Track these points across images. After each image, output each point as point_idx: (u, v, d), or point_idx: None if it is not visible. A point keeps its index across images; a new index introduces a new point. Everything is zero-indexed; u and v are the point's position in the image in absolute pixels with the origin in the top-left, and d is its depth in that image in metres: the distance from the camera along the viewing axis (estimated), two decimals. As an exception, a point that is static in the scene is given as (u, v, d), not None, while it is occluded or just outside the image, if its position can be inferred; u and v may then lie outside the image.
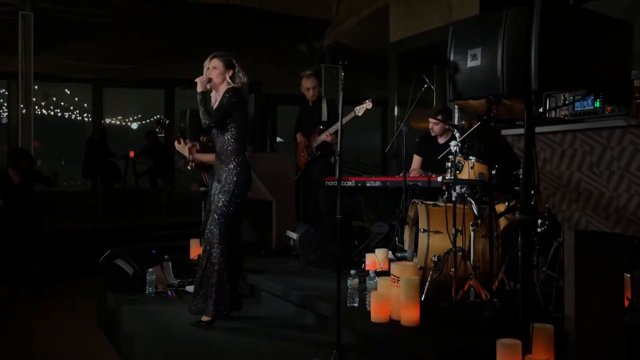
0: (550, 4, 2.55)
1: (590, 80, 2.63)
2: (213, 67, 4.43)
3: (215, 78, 4.43)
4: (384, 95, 8.97)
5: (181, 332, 4.34)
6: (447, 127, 5.56)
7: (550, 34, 2.54)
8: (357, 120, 6.07)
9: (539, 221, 4.10)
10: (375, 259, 4.88)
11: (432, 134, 5.73)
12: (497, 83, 2.71)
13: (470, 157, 4.41)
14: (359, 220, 6.91)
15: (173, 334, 4.33)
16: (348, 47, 9.30)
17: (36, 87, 13.25)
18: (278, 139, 13.20)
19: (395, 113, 8.59)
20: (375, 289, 4.05)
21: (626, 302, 3.77)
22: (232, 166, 4.42)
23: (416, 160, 5.93)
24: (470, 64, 2.87)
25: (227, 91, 4.41)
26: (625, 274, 3.73)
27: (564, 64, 2.56)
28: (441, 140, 5.74)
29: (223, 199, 4.39)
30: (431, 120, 5.62)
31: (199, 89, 4.41)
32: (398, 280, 3.78)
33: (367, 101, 5.81)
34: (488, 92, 2.79)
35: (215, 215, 4.40)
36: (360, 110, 5.84)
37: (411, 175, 5.44)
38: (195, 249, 6.41)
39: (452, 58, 3.00)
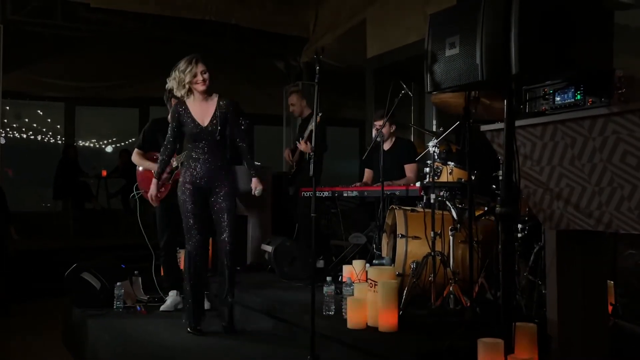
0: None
1: (571, 65, 2.57)
2: (207, 70, 4.27)
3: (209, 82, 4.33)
4: (362, 115, 8.95)
5: (147, 346, 4.17)
6: (392, 131, 5.69)
7: (529, 17, 2.48)
8: (335, 146, 6.13)
9: (520, 226, 4.03)
10: (353, 271, 4.75)
11: (378, 139, 5.66)
12: (476, 70, 2.64)
13: (449, 162, 4.34)
14: (337, 239, 6.81)
15: (140, 348, 4.16)
16: (326, 64, 9.27)
17: (8, 107, 13.02)
18: (257, 163, 13.11)
19: (373, 134, 8.54)
20: (352, 295, 3.92)
21: (609, 308, 3.70)
22: (232, 177, 4.53)
23: (367, 173, 5.94)
24: (449, 52, 2.80)
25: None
26: (608, 280, 3.68)
27: (544, 47, 2.50)
28: (386, 146, 5.72)
29: (233, 211, 4.40)
30: (376, 123, 5.57)
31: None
32: (375, 284, 3.66)
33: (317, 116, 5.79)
34: (467, 80, 2.71)
35: (227, 224, 4.33)
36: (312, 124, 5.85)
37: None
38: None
39: (429, 48, 2.93)
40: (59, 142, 14.02)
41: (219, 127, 4.28)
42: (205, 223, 4.38)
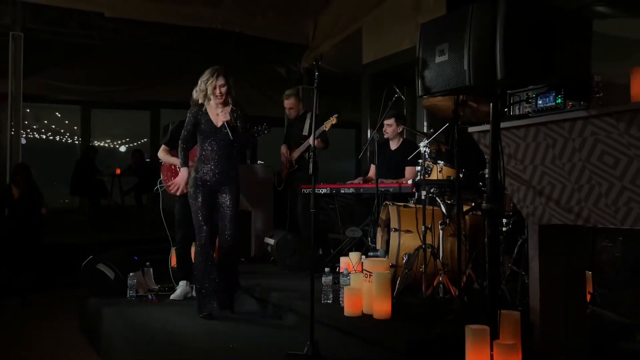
0: (514, -1, 2.51)
1: (552, 71, 2.58)
2: (225, 84, 4.45)
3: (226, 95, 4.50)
4: (358, 118, 8.94)
5: (158, 332, 4.18)
6: (399, 131, 5.60)
7: (514, 27, 2.49)
8: (332, 146, 6.08)
9: (504, 221, 4.04)
10: (349, 262, 4.76)
11: (385, 136, 5.66)
12: (464, 76, 2.64)
13: (439, 161, 4.35)
14: (335, 233, 6.81)
15: (151, 334, 4.17)
16: (324, 70, 9.25)
17: (28, 110, 12.99)
18: (259, 162, 13.13)
19: (368, 135, 8.54)
20: (349, 285, 3.93)
21: (588, 297, 3.71)
22: (238, 177, 4.59)
23: (373, 168, 5.90)
24: (439, 59, 2.81)
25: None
26: (587, 271, 3.69)
27: (527, 55, 2.51)
28: (393, 146, 5.71)
29: (237, 209, 4.53)
30: (385, 122, 5.56)
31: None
32: (370, 275, 3.67)
33: (332, 116, 5.74)
34: (455, 85, 2.71)
35: (230, 221, 4.46)
36: (327, 124, 5.77)
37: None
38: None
39: (421, 55, 2.93)
40: (76, 142, 14.02)
41: (230, 130, 4.38)
42: (214, 218, 4.50)
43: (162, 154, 5.34)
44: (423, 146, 4.23)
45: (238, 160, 4.67)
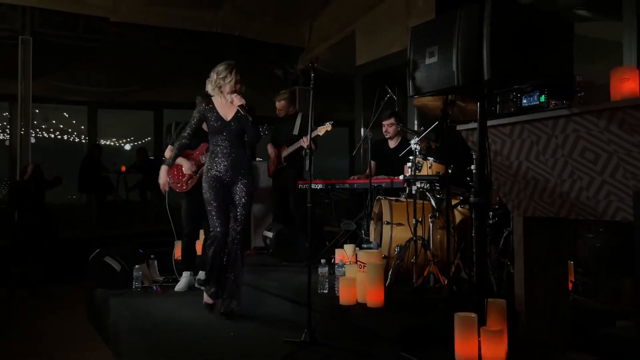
0: (500, 3, 2.50)
1: (536, 72, 2.58)
2: (240, 80, 4.24)
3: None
4: (352, 117, 8.95)
5: (163, 321, 4.19)
6: (398, 130, 5.59)
7: (500, 30, 2.49)
8: (327, 143, 6.03)
9: (491, 213, 4.05)
10: (344, 254, 4.77)
11: (387, 136, 5.67)
12: (453, 76, 2.64)
13: (429, 158, 4.35)
14: (330, 226, 6.81)
15: (156, 322, 4.17)
16: (319, 71, 9.23)
17: (37, 110, 12.93)
18: (258, 159, 13.11)
19: (362, 133, 8.54)
20: (344, 275, 3.93)
21: (570, 285, 3.73)
22: (251, 172, 4.41)
23: (373, 165, 5.89)
24: (428, 61, 2.80)
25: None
26: (569, 261, 3.71)
27: (512, 56, 2.51)
28: (392, 144, 5.71)
29: (249, 204, 4.35)
30: (385, 122, 5.57)
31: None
32: (364, 265, 3.68)
33: (327, 123, 5.69)
34: (444, 85, 2.71)
35: (241, 215, 4.25)
36: (321, 130, 5.69)
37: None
38: (180, 249, 6.23)
39: (411, 57, 2.93)
40: (83, 141, 13.96)
41: (240, 123, 4.20)
42: (227, 212, 4.29)
43: (169, 153, 5.30)
44: (414, 143, 4.23)
45: (249, 153, 4.46)
